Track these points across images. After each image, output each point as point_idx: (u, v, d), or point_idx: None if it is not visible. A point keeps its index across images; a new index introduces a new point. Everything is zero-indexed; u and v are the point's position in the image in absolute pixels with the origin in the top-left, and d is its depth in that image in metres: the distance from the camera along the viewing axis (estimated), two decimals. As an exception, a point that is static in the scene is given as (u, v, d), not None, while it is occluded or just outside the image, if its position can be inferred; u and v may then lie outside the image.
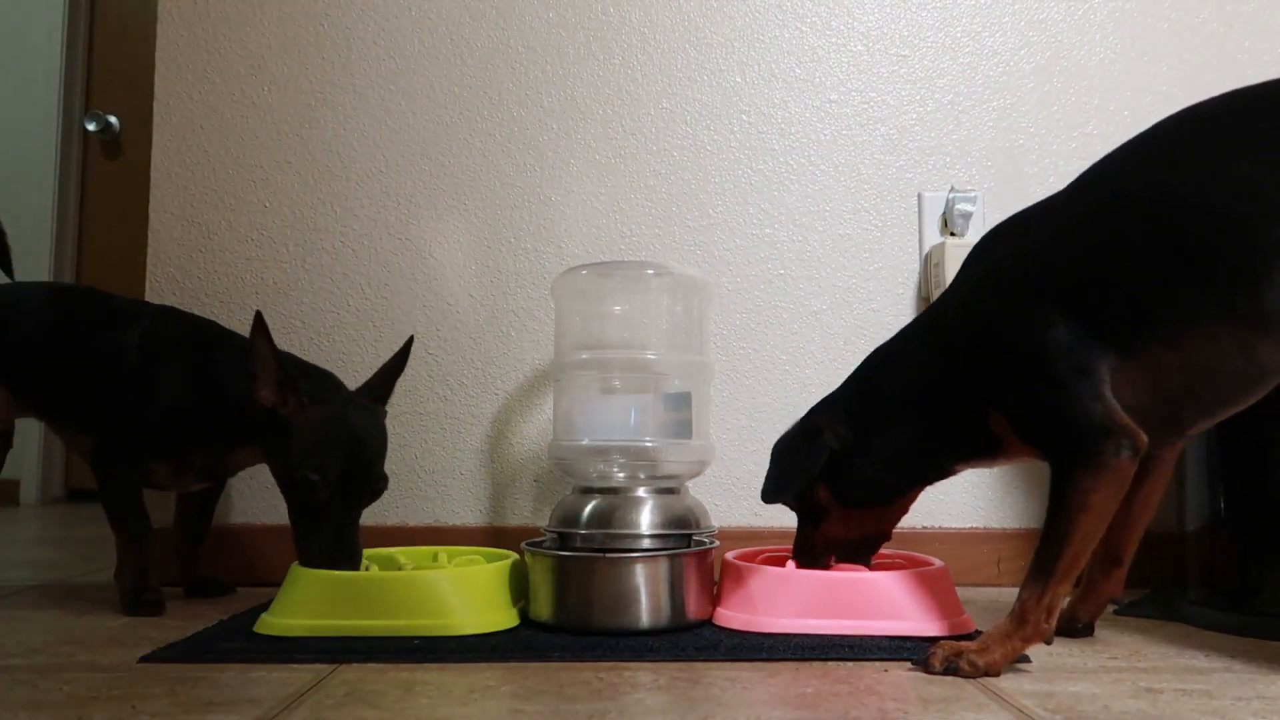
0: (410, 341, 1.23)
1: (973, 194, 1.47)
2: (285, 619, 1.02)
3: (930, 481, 1.05)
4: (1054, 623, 0.88)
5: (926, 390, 0.99)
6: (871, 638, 0.99)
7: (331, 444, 1.07)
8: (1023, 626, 0.87)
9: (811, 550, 1.09)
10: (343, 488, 1.07)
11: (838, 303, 1.49)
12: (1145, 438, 0.86)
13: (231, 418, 1.12)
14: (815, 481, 1.04)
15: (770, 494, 1.07)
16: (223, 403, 1.13)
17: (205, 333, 1.25)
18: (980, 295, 0.97)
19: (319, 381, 1.15)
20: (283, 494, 1.10)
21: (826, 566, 1.09)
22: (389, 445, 1.17)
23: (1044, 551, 0.88)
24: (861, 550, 1.10)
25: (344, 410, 1.11)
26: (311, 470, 1.05)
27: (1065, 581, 0.87)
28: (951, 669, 0.87)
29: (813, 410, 1.08)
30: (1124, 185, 0.92)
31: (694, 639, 1.00)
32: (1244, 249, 0.83)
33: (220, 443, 1.18)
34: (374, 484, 1.11)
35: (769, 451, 1.10)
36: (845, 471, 1.02)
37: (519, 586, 1.12)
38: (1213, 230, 0.84)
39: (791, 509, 1.10)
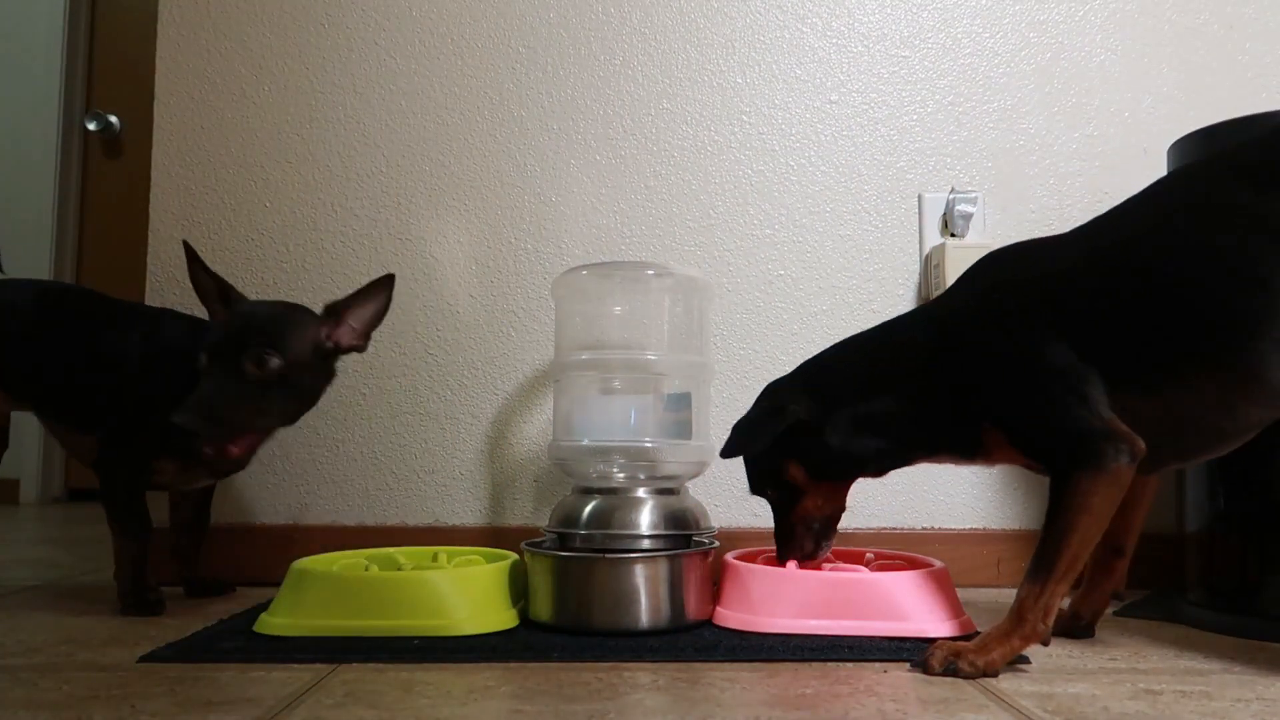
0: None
1: (973, 195, 1.47)
2: (285, 619, 1.02)
3: (894, 468, 1.05)
4: (1051, 623, 0.89)
5: (911, 385, 1.00)
6: (871, 638, 0.99)
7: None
8: (1020, 626, 0.88)
9: (790, 533, 1.09)
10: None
11: (838, 303, 1.49)
12: (1143, 445, 0.87)
13: None
14: (786, 460, 1.04)
15: (729, 450, 1.03)
16: None
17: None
18: (980, 311, 0.98)
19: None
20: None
21: (812, 554, 1.09)
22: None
23: (1042, 552, 0.88)
24: (827, 529, 1.10)
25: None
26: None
27: (1063, 582, 0.88)
28: (950, 669, 0.87)
29: (769, 389, 1.08)
30: (1122, 239, 0.94)
31: (693, 639, 1.00)
32: (1229, 315, 0.86)
33: None
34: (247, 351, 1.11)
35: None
36: (816, 446, 1.02)
37: (519, 587, 1.12)
38: (1199, 294, 0.87)
39: (769, 499, 1.10)
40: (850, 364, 1.06)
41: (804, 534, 1.09)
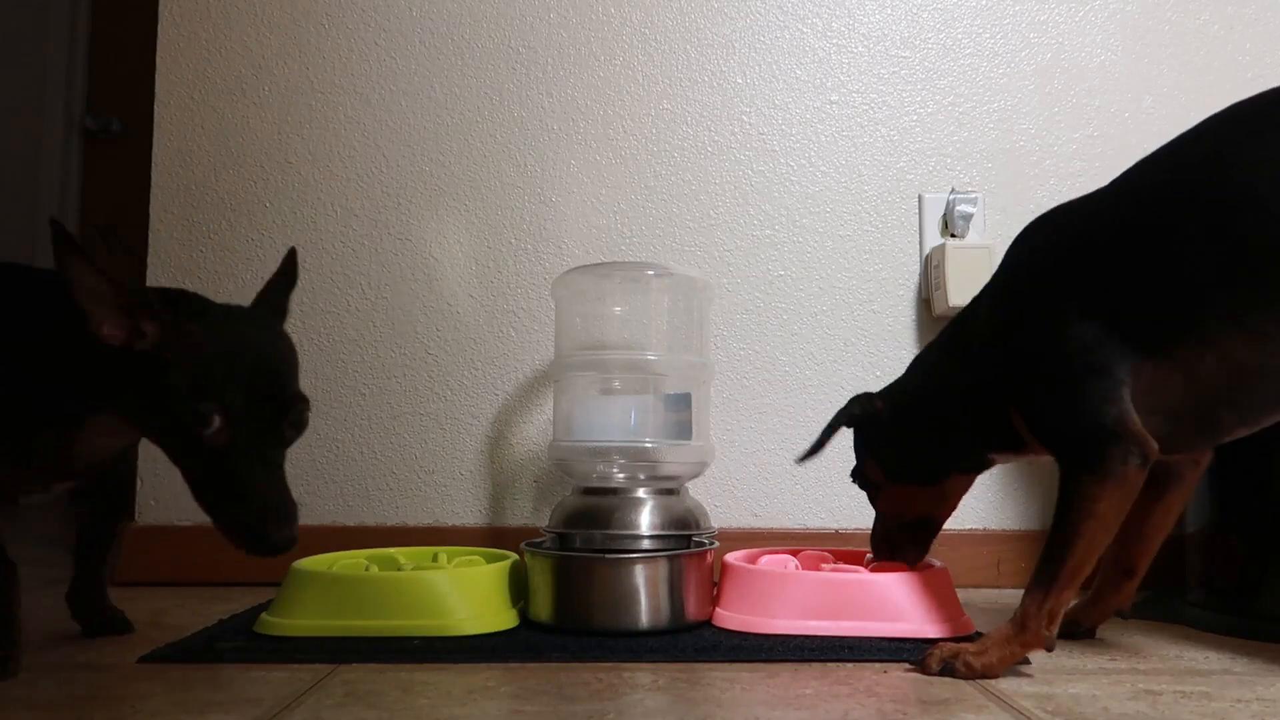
0: (292, 254, 0.96)
1: (973, 195, 1.47)
2: (285, 619, 1.02)
3: (965, 470, 1.04)
4: (1056, 630, 0.87)
5: (953, 377, 1.00)
6: (871, 639, 0.99)
7: (227, 365, 0.78)
8: (1023, 632, 0.86)
9: (876, 533, 1.11)
10: (252, 423, 0.78)
11: (838, 304, 1.49)
12: (1156, 446, 0.84)
13: (69, 378, 0.81)
14: (866, 458, 1.08)
15: (801, 456, 1.06)
16: (54, 359, 0.81)
17: (8, 274, 0.90)
18: (1007, 289, 0.96)
19: (184, 301, 0.84)
20: (174, 458, 0.81)
21: (890, 556, 1.09)
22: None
23: (1047, 558, 0.86)
24: (915, 536, 1.09)
25: (233, 322, 0.82)
26: (206, 406, 0.76)
27: (1068, 589, 0.86)
28: (948, 670, 0.86)
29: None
30: (1168, 178, 0.88)
31: (693, 640, 1.00)
32: None
33: (62, 420, 0.84)
34: (291, 408, 0.81)
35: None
36: (883, 446, 1.06)
37: (519, 587, 1.12)
38: (1266, 222, 0.79)
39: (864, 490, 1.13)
40: (918, 366, 1.07)
41: (883, 533, 1.10)
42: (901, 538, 1.09)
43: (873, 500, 1.11)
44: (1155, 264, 0.85)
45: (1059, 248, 0.92)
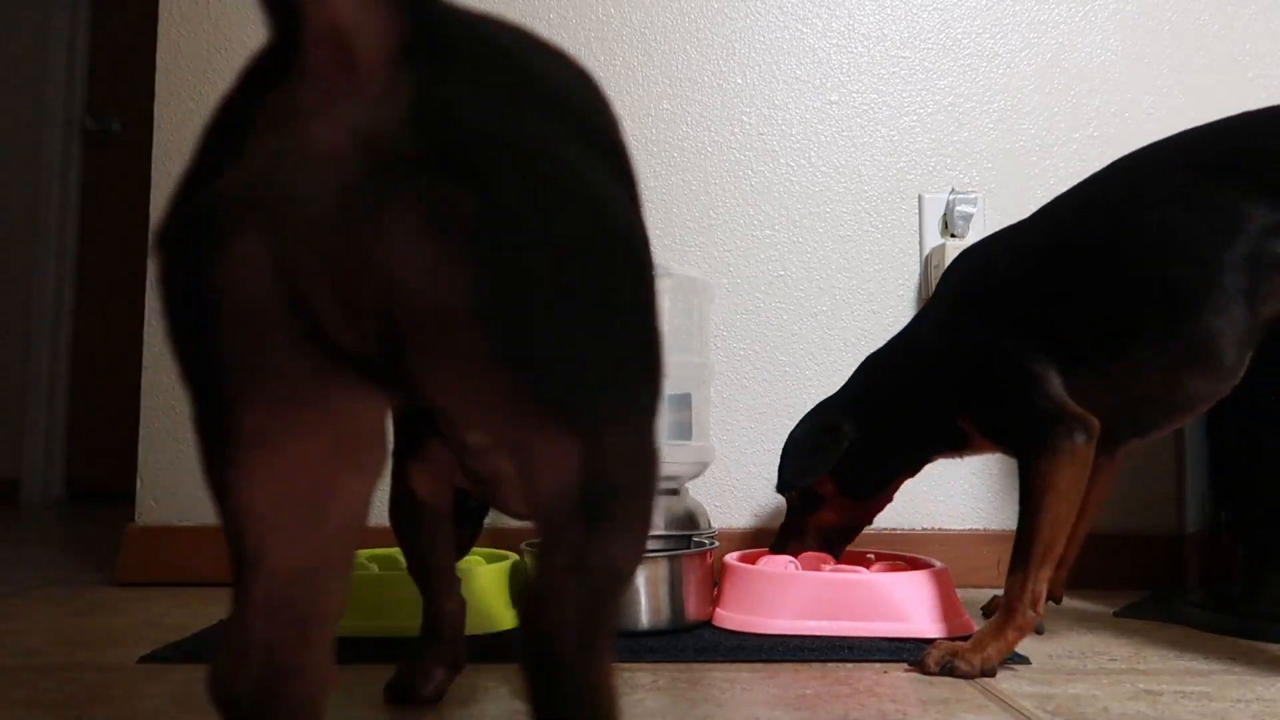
0: None
1: (973, 196, 1.47)
2: (285, 619, 1.02)
3: (910, 473, 1.13)
4: (1041, 610, 0.90)
5: (909, 395, 1.07)
6: (871, 639, 0.99)
7: None
8: (1011, 619, 0.89)
9: (798, 536, 1.15)
10: None
11: (838, 304, 1.49)
12: (1096, 422, 0.91)
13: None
14: (823, 475, 1.12)
15: (790, 483, 1.13)
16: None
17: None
18: (947, 313, 1.05)
19: None
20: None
21: (795, 554, 1.14)
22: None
23: (1019, 543, 0.91)
24: (844, 538, 1.17)
25: None
26: None
27: (1044, 567, 0.90)
28: (947, 669, 0.87)
29: (820, 408, 1.15)
30: (1068, 224, 0.98)
31: (693, 640, 1.00)
32: (1174, 291, 0.88)
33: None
34: None
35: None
36: (849, 465, 1.10)
37: (519, 587, 1.12)
38: (1144, 272, 0.90)
39: (789, 499, 1.17)
40: (873, 387, 1.12)
41: (809, 539, 1.15)
42: (830, 539, 1.15)
43: (808, 510, 1.15)
44: (1056, 300, 0.95)
45: (986, 277, 1.02)
